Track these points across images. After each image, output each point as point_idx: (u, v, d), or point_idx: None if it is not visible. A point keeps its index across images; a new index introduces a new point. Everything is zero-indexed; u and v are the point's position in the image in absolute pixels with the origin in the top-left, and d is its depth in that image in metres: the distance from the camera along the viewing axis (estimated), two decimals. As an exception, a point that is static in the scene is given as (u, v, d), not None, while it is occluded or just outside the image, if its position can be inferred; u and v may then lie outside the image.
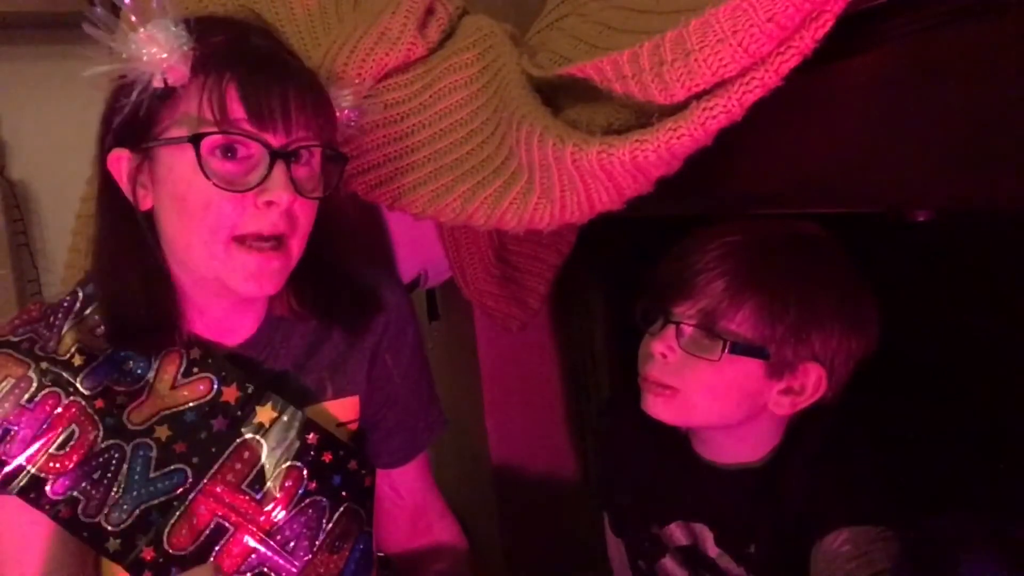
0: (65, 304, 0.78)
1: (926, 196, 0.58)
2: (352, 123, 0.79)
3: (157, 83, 0.65)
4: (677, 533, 0.93)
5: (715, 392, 0.81)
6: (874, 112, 0.55)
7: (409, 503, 0.97)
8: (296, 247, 0.72)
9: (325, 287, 0.80)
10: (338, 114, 0.76)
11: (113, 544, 0.74)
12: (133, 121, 0.67)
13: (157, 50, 0.64)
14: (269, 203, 0.67)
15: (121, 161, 0.70)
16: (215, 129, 0.65)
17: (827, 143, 0.60)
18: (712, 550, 0.89)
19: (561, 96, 0.74)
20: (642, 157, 0.61)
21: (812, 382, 0.80)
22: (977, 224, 0.81)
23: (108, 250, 0.74)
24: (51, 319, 0.77)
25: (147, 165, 0.69)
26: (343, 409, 0.85)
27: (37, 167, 2.11)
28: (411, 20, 0.84)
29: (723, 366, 0.79)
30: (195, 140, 0.65)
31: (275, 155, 0.67)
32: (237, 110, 0.65)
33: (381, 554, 1.00)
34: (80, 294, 0.78)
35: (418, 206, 0.82)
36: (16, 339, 0.75)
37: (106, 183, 0.72)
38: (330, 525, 0.80)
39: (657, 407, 0.85)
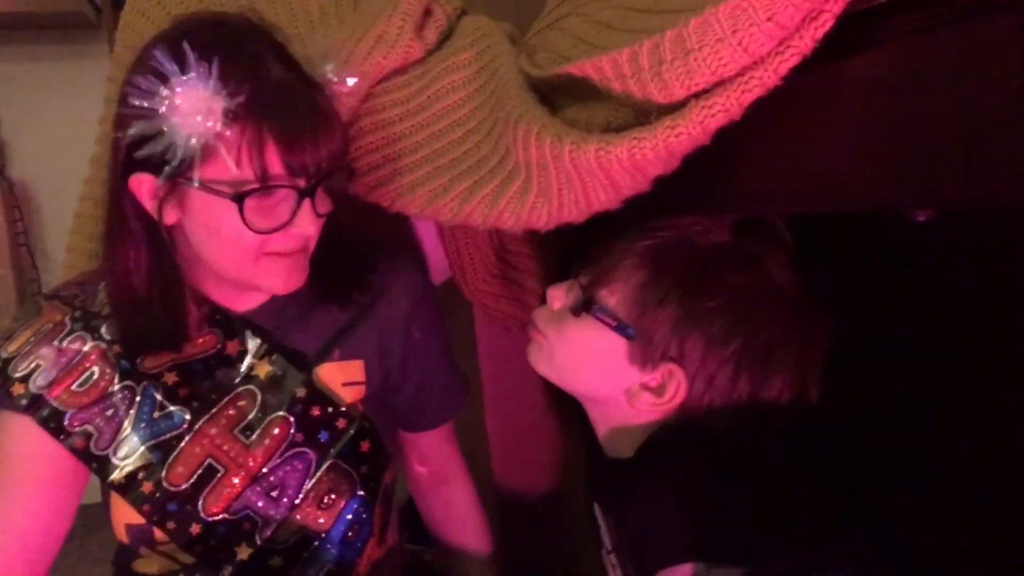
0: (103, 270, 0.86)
1: (926, 196, 0.58)
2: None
3: (195, 141, 0.67)
4: (599, 516, 0.93)
5: (574, 350, 0.82)
6: (874, 112, 0.55)
7: (434, 466, 1.04)
8: (312, 245, 0.79)
9: (322, 265, 0.84)
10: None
11: (118, 476, 0.82)
12: (166, 157, 0.69)
13: (194, 110, 0.66)
14: (302, 235, 0.74)
15: (145, 184, 0.73)
16: (257, 186, 0.69)
17: (827, 143, 0.60)
18: (608, 535, 0.89)
19: (559, 96, 0.74)
20: (640, 155, 0.61)
21: (672, 386, 0.77)
22: (977, 224, 0.81)
23: (125, 265, 0.78)
24: (94, 280, 0.87)
25: (177, 193, 0.73)
26: (347, 371, 0.88)
27: (37, 167, 2.10)
28: (408, 22, 0.85)
29: (586, 328, 0.80)
30: (239, 200, 0.69)
31: (302, 195, 0.72)
32: (275, 165, 0.70)
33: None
34: None
35: (416, 206, 0.82)
36: (64, 293, 0.87)
37: (122, 200, 0.76)
38: (314, 479, 0.84)
39: (532, 355, 0.88)
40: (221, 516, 0.82)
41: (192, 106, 0.66)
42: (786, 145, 0.64)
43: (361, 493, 0.87)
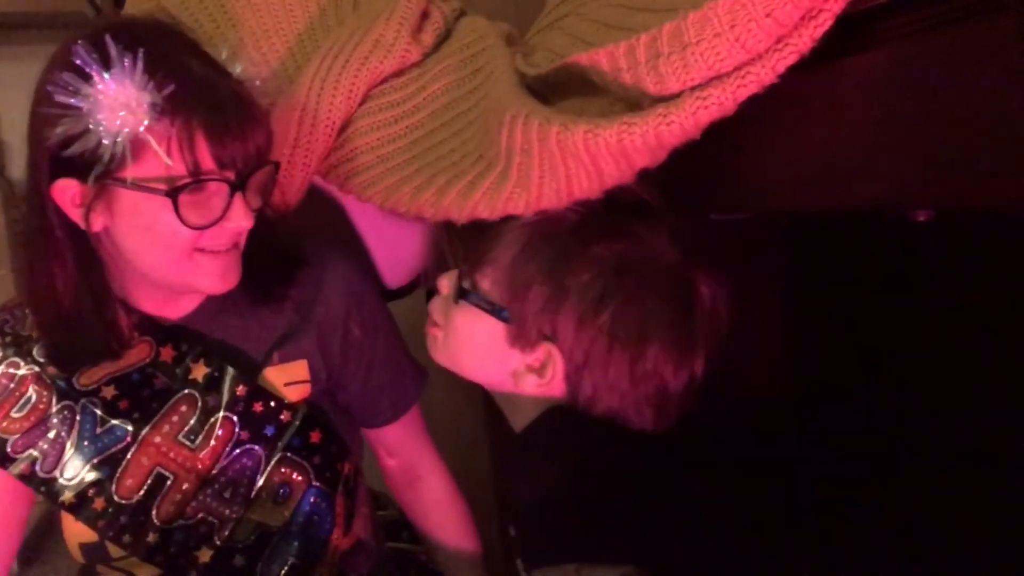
0: None
1: (926, 196, 0.58)
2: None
3: (122, 135, 0.66)
4: None
5: (461, 338, 0.81)
6: (874, 112, 0.55)
7: (402, 460, 1.02)
8: (243, 241, 0.78)
9: (251, 265, 0.83)
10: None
11: (68, 497, 0.81)
12: (91, 160, 0.68)
13: (120, 105, 0.65)
14: (236, 231, 0.74)
15: (69, 191, 0.71)
16: (189, 180, 0.69)
17: (827, 142, 0.60)
18: None
19: (554, 95, 0.74)
20: (629, 141, 0.61)
21: (552, 366, 0.76)
22: (977, 224, 0.81)
23: (51, 280, 0.75)
24: (21, 303, 0.86)
25: (104, 196, 0.71)
26: (289, 372, 0.88)
27: (37, 167, 2.10)
28: (405, 26, 0.85)
29: (467, 315, 0.80)
30: (173, 195, 0.69)
31: (233, 188, 0.72)
32: (206, 158, 0.69)
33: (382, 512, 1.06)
34: None
35: (403, 203, 0.83)
36: None
37: (45, 210, 0.73)
38: (265, 474, 0.84)
39: (429, 348, 0.86)
40: (177, 522, 0.82)
41: (119, 101, 0.65)
42: (787, 145, 0.64)
43: (317, 484, 0.87)
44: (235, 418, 0.83)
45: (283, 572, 0.84)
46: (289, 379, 0.87)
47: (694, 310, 0.74)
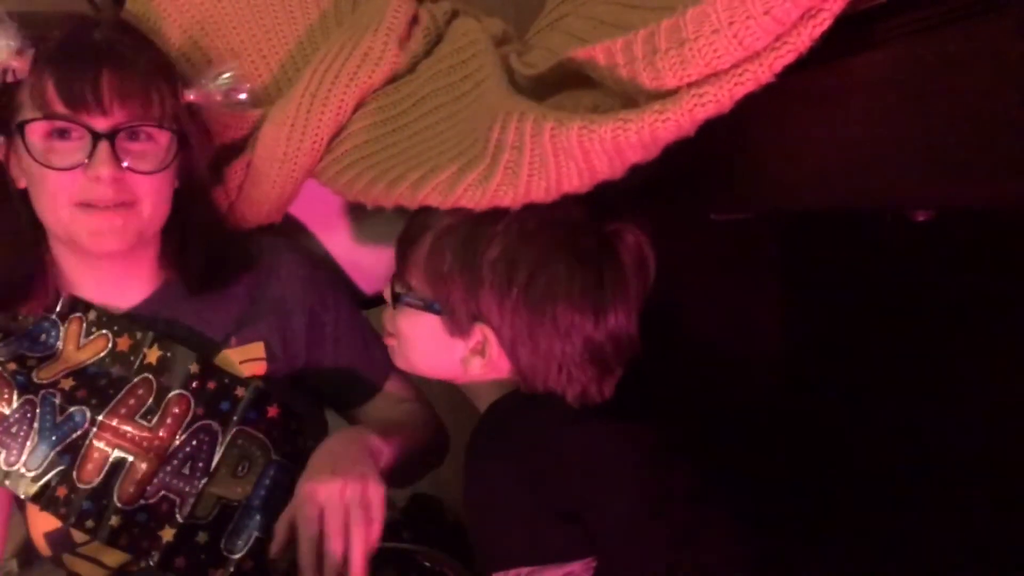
0: None
1: (926, 196, 0.58)
2: (232, 103, 0.87)
3: (7, 78, 0.77)
4: None
5: (410, 339, 0.84)
6: (875, 112, 0.55)
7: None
8: (148, 211, 0.81)
9: (187, 252, 0.89)
10: (195, 97, 0.85)
11: (31, 488, 0.84)
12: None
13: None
14: (96, 177, 0.76)
15: (1, 148, 0.81)
16: (38, 116, 0.76)
17: (827, 142, 0.60)
18: None
19: (547, 91, 0.74)
20: (623, 138, 0.61)
21: (489, 346, 0.78)
22: (977, 224, 0.81)
23: None
24: None
25: (14, 149, 0.80)
26: (246, 352, 0.90)
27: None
28: (392, 37, 0.87)
29: (407, 317, 0.83)
30: (19, 128, 0.77)
31: (97, 136, 0.76)
32: (53, 99, 0.75)
33: None
34: None
35: (382, 197, 0.83)
36: None
37: None
38: (222, 449, 0.86)
39: (392, 357, 0.89)
40: (138, 503, 0.84)
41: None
42: (787, 144, 0.64)
43: (277, 458, 0.88)
44: (189, 395, 0.86)
45: (248, 547, 0.86)
46: (245, 358, 0.90)
47: (604, 262, 0.76)
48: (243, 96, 0.87)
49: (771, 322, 1.01)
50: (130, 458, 0.84)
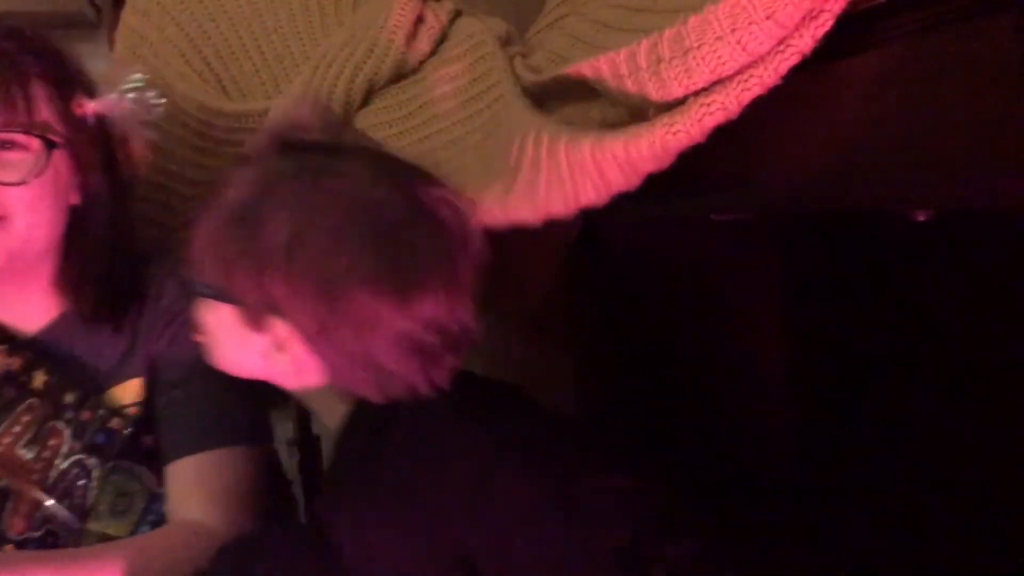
0: None
1: (926, 196, 0.58)
2: (145, 113, 0.83)
3: None
4: None
5: (212, 333, 0.73)
6: (875, 111, 0.55)
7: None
8: (21, 227, 0.76)
9: (84, 277, 0.84)
10: (97, 106, 0.80)
11: None
12: None
13: None
14: None
15: None
16: None
17: (827, 142, 0.60)
18: None
19: (554, 99, 0.75)
20: (636, 153, 0.61)
21: (289, 342, 0.67)
22: (977, 224, 0.81)
23: None
24: None
25: None
26: (128, 389, 0.86)
27: (37, 167, 2.10)
28: (399, 34, 0.86)
29: (207, 306, 0.71)
30: None
31: None
32: None
33: None
34: None
35: None
36: None
37: None
38: (97, 484, 0.83)
39: (206, 357, 0.76)
40: (26, 534, 0.82)
41: None
42: (787, 144, 0.64)
43: (159, 491, 0.84)
44: (64, 428, 0.83)
45: None
46: (128, 394, 0.86)
47: (412, 240, 0.65)
48: (155, 101, 0.83)
49: (771, 322, 1.01)
50: (16, 490, 0.82)
